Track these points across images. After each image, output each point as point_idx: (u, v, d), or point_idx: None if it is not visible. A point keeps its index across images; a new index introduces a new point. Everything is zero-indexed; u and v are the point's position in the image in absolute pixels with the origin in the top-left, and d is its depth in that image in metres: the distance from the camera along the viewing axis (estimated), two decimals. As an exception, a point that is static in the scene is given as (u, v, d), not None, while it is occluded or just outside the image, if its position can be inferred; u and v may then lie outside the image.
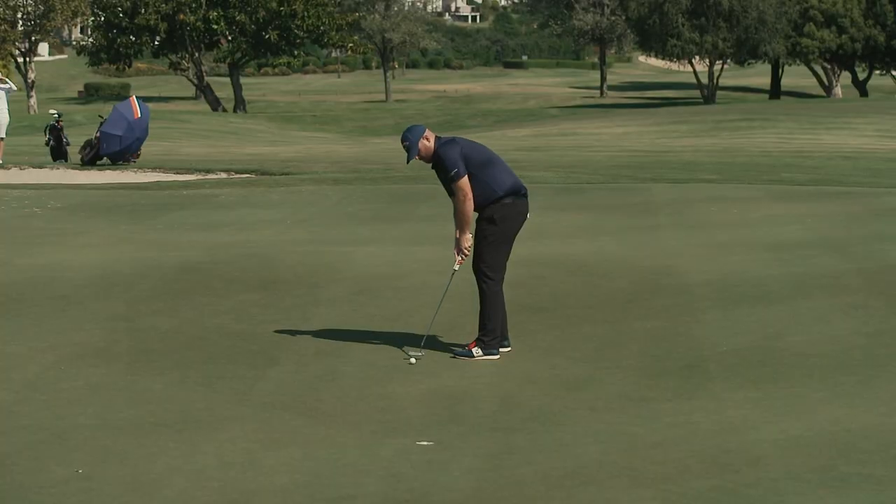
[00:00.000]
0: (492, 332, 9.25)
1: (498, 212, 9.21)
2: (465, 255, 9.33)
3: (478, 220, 9.29)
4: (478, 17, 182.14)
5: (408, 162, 9.27)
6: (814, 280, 11.46)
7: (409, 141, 9.09)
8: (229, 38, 76.64)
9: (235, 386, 8.60)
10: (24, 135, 42.08)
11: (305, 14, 72.88)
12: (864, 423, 7.42)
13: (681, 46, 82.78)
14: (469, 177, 9.09)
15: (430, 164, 9.26)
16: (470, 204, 9.09)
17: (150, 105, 33.31)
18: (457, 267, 9.51)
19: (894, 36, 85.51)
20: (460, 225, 9.21)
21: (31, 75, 74.16)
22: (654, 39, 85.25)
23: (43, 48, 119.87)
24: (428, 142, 9.11)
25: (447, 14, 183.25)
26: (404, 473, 6.77)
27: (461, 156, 9.08)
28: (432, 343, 9.60)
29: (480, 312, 9.31)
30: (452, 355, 9.31)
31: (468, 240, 9.27)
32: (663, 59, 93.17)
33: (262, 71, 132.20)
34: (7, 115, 28.20)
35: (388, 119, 75.08)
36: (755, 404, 7.95)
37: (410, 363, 9.10)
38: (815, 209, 16.66)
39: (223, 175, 25.92)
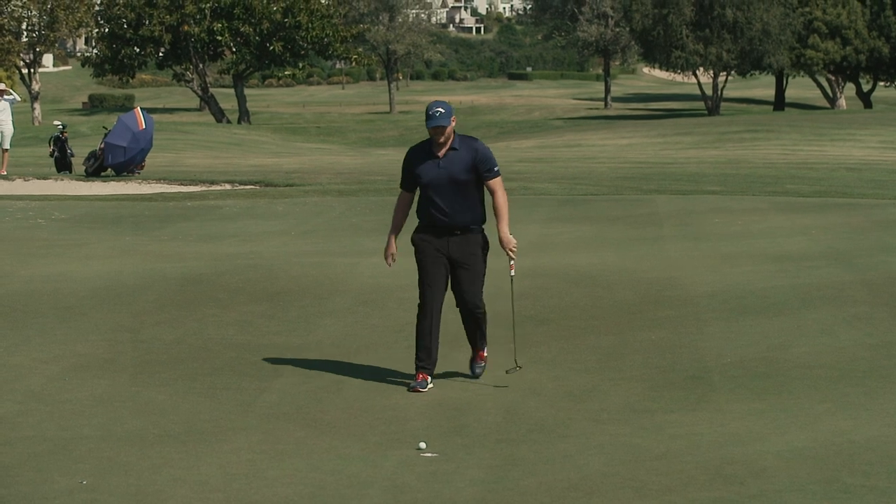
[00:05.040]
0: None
1: (486, 239, 8.83)
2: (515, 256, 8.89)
3: (470, 244, 8.75)
4: (482, 29, 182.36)
5: (433, 126, 8.48)
6: (818, 291, 11.45)
7: (444, 109, 8.52)
8: (233, 49, 76.73)
9: (239, 397, 8.60)
10: (28, 146, 42.15)
11: (310, 25, 72.95)
12: (868, 435, 7.41)
13: (685, 58, 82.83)
14: (473, 188, 8.75)
15: (441, 150, 8.61)
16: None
17: (155, 116, 33.36)
18: (513, 273, 9.09)
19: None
20: (505, 219, 8.73)
21: (36, 86, 74.31)
22: (658, 51, 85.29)
23: (47, 59, 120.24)
24: (454, 124, 8.60)
25: (451, 25, 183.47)
26: (408, 485, 6.76)
27: None
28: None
29: (480, 331, 9.00)
30: (476, 372, 9.10)
31: (511, 238, 8.78)
32: (667, 70, 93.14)
33: (266, 82, 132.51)
34: (11, 127, 28.27)
35: (393, 130, 75.16)
36: (759, 415, 7.94)
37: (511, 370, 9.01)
38: (819, 221, 16.66)
39: (227, 186, 25.95)
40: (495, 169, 8.68)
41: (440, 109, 8.52)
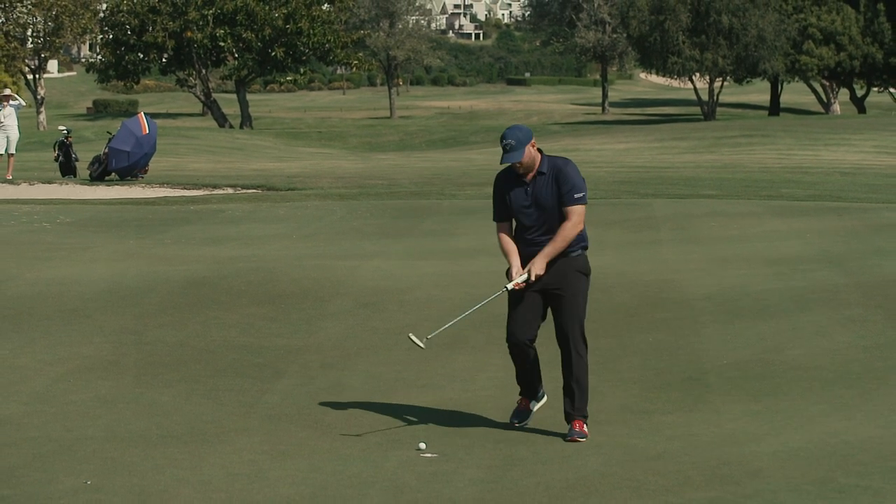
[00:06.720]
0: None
1: (588, 265, 7.91)
2: (530, 281, 7.72)
3: (570, 268, 7.78)
4: (481, 35, 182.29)
5: (504, 163, 7.68)
6: (813, 294, 11.51)
7: (515, 140, 7.59)
8: (236, 55, 76.87)
9: (242, 398, 8.68)
10: (33, 151, 42.24)
11: (311, 31, 73.10)
12: (862, 436, 7.48)
13: (681, 64, 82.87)
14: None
15: (521, 173, 7.75)
16: (579, 232, 7.77)
17: (158, 121, 33.40)
18: (509, 287, 7.74)
19: (892, 53, 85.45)
20: (555, 247, 7.68)
21: (41, 92, 74.47)
22: (654, 57, 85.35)
23: (52, 65, 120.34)
24: (533, 149, 7.66)
25: (451, 31, 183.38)
26: (408, 485, 6.84)
27: None
28: (437, 357, 9.63)
29: (578, 384, 7.82)
30: (567, 438, 7.76)
31: (543, 267, 7.72)
32: (664, 76, 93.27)
33: (268, 87, 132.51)
34: (17, 131, 28.36)
35: (393, 135, 75.14)
36: (755, 417, 8.01)
37: (415, 341, 7.88)
38: (813, 224, 16.70)
39: (230, 190, 26.00)
40: (577, 196, 7.65)
41: (511, 141, 7.60)
